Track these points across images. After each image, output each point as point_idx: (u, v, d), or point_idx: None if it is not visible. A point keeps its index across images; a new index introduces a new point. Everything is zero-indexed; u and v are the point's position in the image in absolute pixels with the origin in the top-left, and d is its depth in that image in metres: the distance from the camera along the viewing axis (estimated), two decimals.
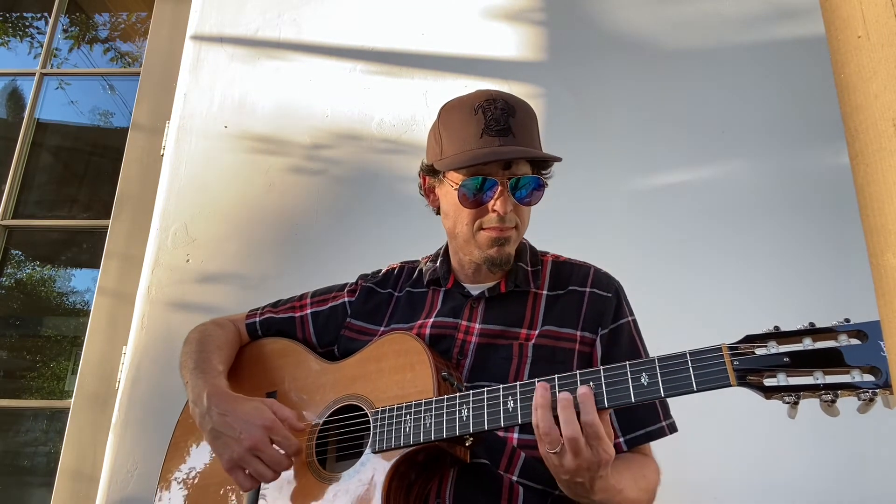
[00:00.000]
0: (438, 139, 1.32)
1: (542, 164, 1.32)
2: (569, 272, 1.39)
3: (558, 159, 1.29)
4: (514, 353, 1.27)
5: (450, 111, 1.33)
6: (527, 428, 1.22)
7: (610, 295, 1.34)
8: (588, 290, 1.35)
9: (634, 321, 1.36)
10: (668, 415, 1.29)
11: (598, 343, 1.30)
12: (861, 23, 0.61)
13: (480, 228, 1.29)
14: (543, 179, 1.31)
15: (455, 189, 1.27)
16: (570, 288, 1.35)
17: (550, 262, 1.43)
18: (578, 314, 1.32)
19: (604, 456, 1.01)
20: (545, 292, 1.36)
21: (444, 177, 1.32)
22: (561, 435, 1.00)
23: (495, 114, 1.25)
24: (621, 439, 1.25)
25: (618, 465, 1.17)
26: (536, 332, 1.30)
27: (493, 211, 1.26)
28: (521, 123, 1.26)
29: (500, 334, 1.31)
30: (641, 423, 1.26)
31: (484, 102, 1.26)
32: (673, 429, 1.29)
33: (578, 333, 1.30)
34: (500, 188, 1.25)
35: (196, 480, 1.38)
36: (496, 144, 1.23)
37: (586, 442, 1.00)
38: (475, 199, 1.26)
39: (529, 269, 1.38)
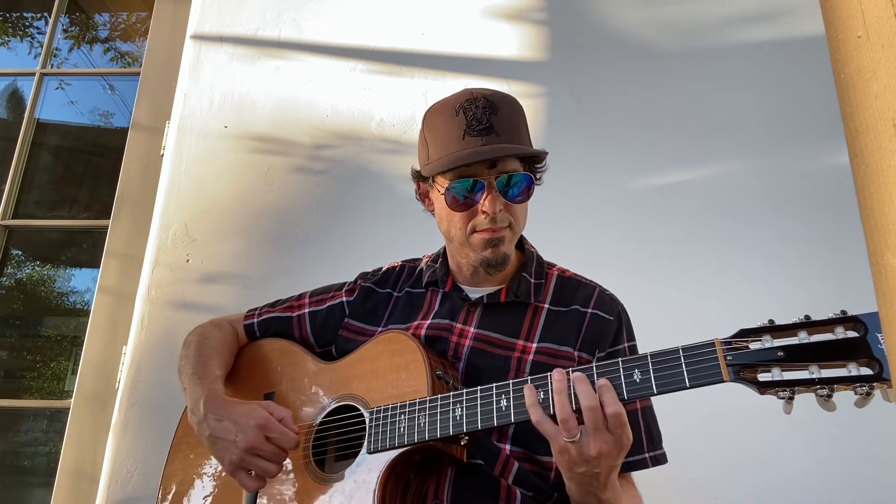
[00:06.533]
0: (425, 144, 1.31)
1: (533, 159, 1.30)
2: (574, 289, 1.36)
3: (543, 153, 1.27)
4: (511, 365, 1.26)
5: (433, 115, 1.31)
6: (520, 440, 1.22)
7: (612, 318, 1.31)
8: (590, 311, 1.32)
9: (633, 347, 1.33)
10: (654, 445, 1.26)
11: None
12: (861, 23, 0.60)
13: (473, 231, 1.26)
14: (535, 175, 1.29)
15: (443, 193, 1.26)
16: (574, 307, 1.32)
17: (556, 276, 1.40)
18: (578, 334, 1.29)
19: (625, 441, 1.00)
20: (547, 306, 1.33)
21: (433, 181, 1.30)
22: (579, 421, 0.99)
23: (476, 113, 1.23)
24: None
25: None
26: (534, 345, 1.28)
27: (483, 212, 1.23)
28: (505, 120, 1.24)
29: (495, 342, 1.29)
30: None
31: (465, 102, 1.25)
32: (658, 461, 1.25)
33: (576, 353, 1.27)
34: (487, 188, 1.23)
35: (198, 481, 1.38)
36: (479, 144, 1.21)
37: (607, 426, 0.98)
38: (464, 202, 1.24)
39: (533, 281, 1.35)
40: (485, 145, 1.21)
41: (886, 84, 0.57)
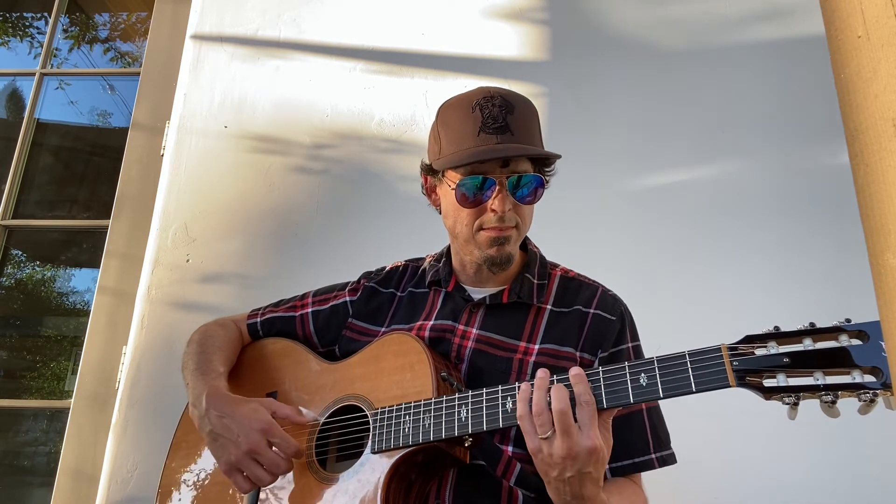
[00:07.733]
0: (437, 138, 1.31)
1: (544, 161, 1.29)
2: (576, 290, 1.35)
3: (557, 156, 1.27)
4: (513, 367, 1.25)
5: (448, 109, 1.31)
6: (522, 441, 1.21)
7: (614, 318, 1.30)
8: (592, 311, 1.31)
9: (636, 347, 1.32)
10: (661, 446, 1.24)
11: (596, 366, 1.25)
12: (861, 23, 0.60)
13: (480, 228, 1.26)
14: (545, 177, 1.29)
15: (453, 189, 1.25)
16: (576, 307, 1.32)
17: (559, 276, 1.39)
18: (580, 334, 1.28)
19: (596, 441, 0.98)
20: (549, 307, 1.33)
21: (443, 176, 1.30)
22: (552, 417, 0.99)
23: (493, 111, 1.22)
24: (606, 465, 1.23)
25: (609, 487, 1.15)
26: (536, 346, 1.27)
27: (492, 210, 1.23)
28: (520, 120, 1.23)
29: (497, 343, 1.29)
30: (629, 452, 1.22)
31: (482, 100, 1.24)
32: (665, 462, 1.23)
33: (578, 354, 1.27)
34: (498, 187, 1.22)
35: (198, 480, 1.38)
36: (493, 142, 1.20)
37: (578, 427, 0.98)
38: (473, 199, 1.24)
39: (536, 281, 1.35)
40: (499, 144, 1.20)
41: (886, 84, 0.57)
